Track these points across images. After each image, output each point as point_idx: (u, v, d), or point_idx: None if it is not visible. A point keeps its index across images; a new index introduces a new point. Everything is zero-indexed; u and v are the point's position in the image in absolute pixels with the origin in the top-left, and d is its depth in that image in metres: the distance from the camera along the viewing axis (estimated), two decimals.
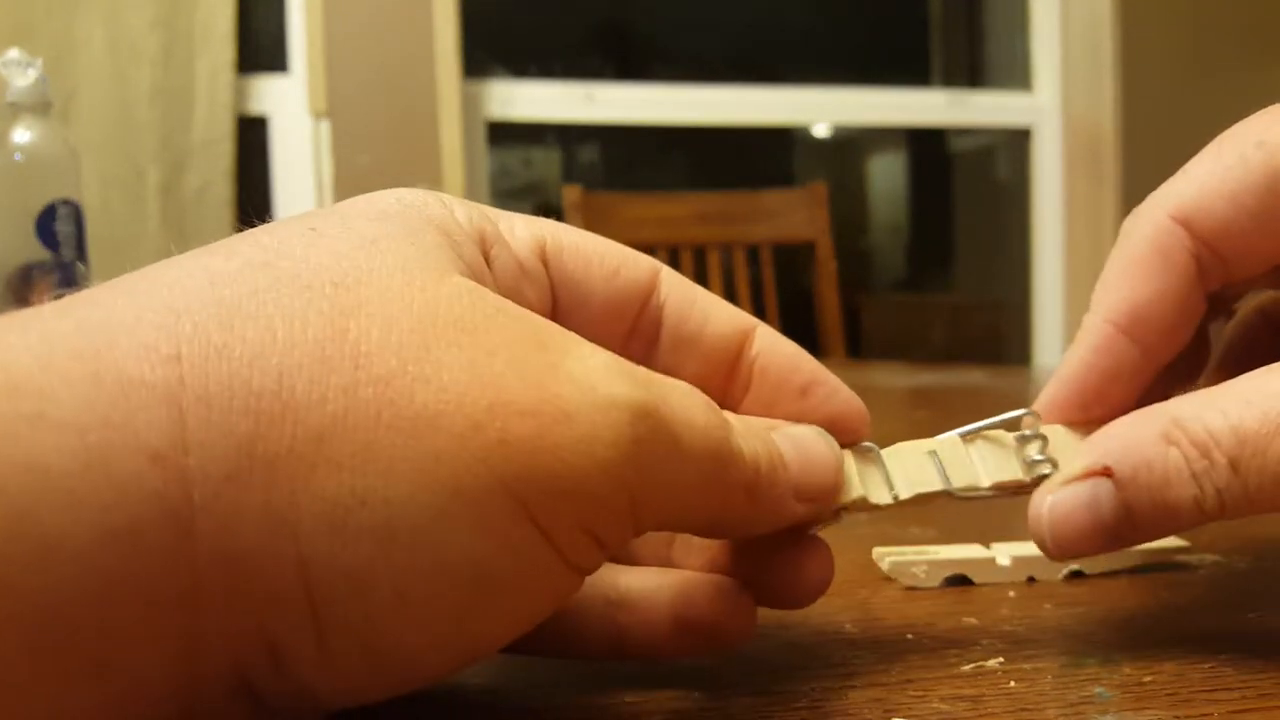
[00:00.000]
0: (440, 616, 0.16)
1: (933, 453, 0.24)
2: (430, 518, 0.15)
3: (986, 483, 0.24)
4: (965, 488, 0.24)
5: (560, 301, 0.22)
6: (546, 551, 0.16)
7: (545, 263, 0.22)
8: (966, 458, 0.24)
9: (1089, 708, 0.20)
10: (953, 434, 0.24)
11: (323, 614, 0.15)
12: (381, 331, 0.16)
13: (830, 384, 0.23)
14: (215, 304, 0.16)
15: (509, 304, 0.18)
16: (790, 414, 0.23)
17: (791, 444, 0.21)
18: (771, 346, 0.23)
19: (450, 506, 0.15)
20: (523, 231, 0.22)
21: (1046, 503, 0.23)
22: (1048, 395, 0.26)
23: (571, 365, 0.17)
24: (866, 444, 0.24)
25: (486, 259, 0.20)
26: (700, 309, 0.23)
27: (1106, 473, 0.22)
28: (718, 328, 0.23)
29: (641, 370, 0.18)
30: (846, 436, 0.23)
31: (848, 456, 0.23)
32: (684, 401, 0.18)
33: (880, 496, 0.23)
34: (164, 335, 0.15)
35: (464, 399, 0.16)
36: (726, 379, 0.23)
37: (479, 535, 0.16)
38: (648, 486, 0.17)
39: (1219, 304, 0.27)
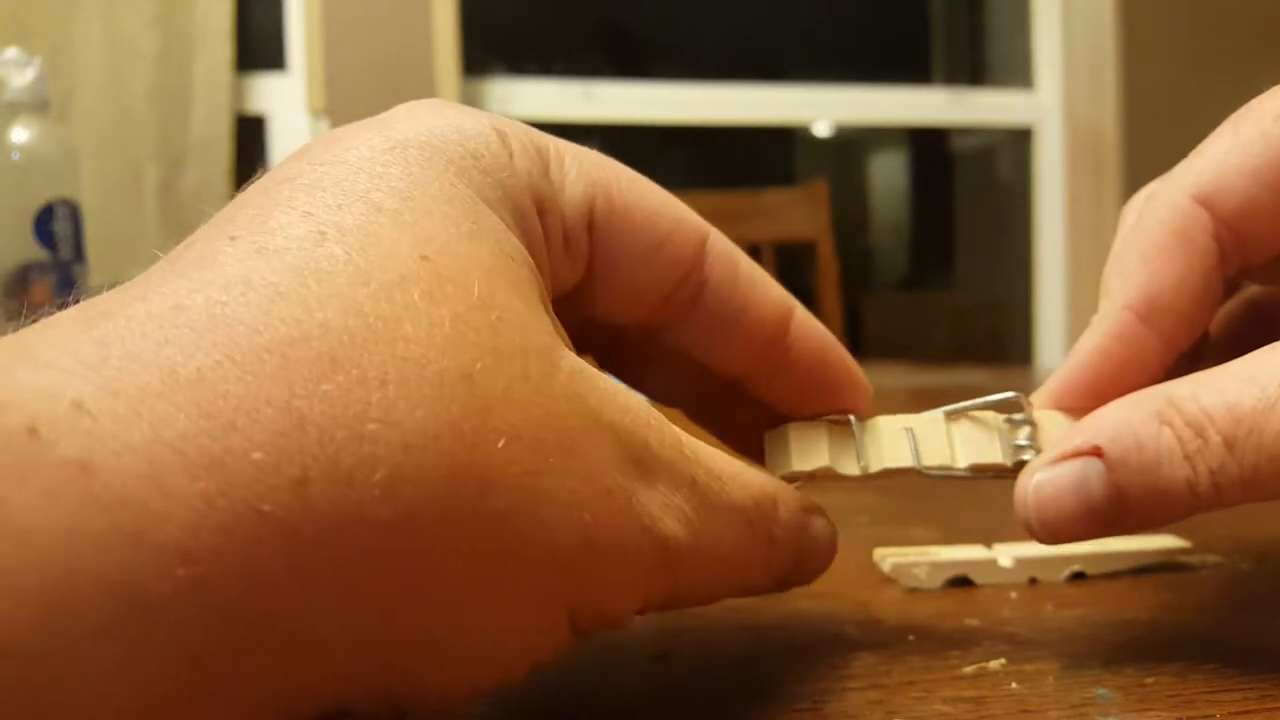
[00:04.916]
0: (479, 686, 0.17)
1: (908, 429, 0.24)
2: (507, 641, 0.16)
3: (963, 464, 0.23)
4: (936, 466, 0.23)
5: (594, 269, 0.21)
6: (571, 638, 0.18)
7: (591, 228, 0.20)
8: (944, 437, 0.24)
9: (1091, 709, 0.20)
10: (936, 412, 0.24)
11: (383, 700, 0.16)
12: (504, 452, 0.15)
13: (856, 382, 0.24)
14: (343, 402, 0.14)
15: (603, 400, 0.17)
16: (812, 404, 0.24)
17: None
18: (807, 334, 0.24)
19: (524, 633, 0.17)
20: (575, 189, 0.20)
21: (1033, 482, 0.22)
22: (1059, 381, 0.25)
23: (642, 498, 0.18)
24: (842, 414, 0.24)
25: (542, 224, 0.20)
26: (743, 290, 0.23)
27: (1097, 452, 0.21)
28: (759, 312, 0.23)
29: (701, 482, 0.19)
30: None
31: (821, 426, 0.24)
32: (726, 536, 0.20)
33: (848, 468, 0.23)
34: (287, 452, 0.13)
35: (561, 540, 0.16)
36: (758, 360, 0.23)
37: (531, 644, 0.17)
38: (671, 601, 0.19)
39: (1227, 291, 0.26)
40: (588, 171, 0.20)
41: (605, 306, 0.22)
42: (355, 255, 0.16)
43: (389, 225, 0.16)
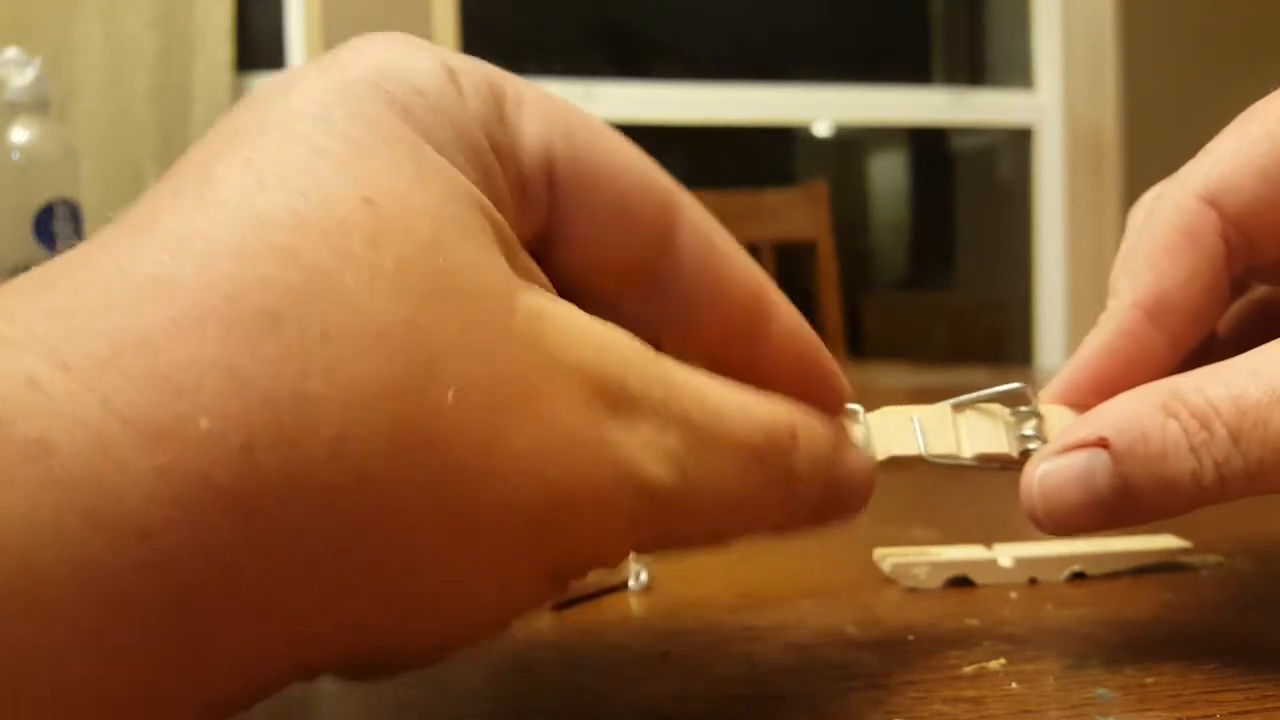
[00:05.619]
0: (458, 641, 0.17)
1: (915, 419, 0.24)
2: (481, 597, 0.16)
3: (969, 453, 0.23)
4: (942, 455, 0.23)
5: (554, 226, 0.19)
6: (556, 587, 0.17)
7: (551, 181, 0.19)
8: (951, 427, 0.24)
9: (1091, 709, 0.20)
10: (943, 404, 0.24)
11: (359, 660, 0.16)
12: (458, 405, 0.15)
13: (830, 379, 0.23)
14: (284, 360, 0.14)
15: (570, 340, 0.17)
16: (786, 388, 0.22)
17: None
18: (784, 324, 0.22)
19: (498, 588, 0.16)
20: (533, 136, 0.18)
21: (1038, 472, 0.22)
22: (1065, 377, 0.25)
23: (618, 441, 0.17)
24: (851, 405, 0.24)
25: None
26: (716, 268, 0.21)
27: (1103, 443, 0.21)
28: (732, 291, 0.21)
29: (695, 419, 0.18)
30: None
31: None
32: (728, 475, 0.19)
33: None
34: (233, 417, 0.13)
35: (529, 496, 0.16)
36: (727, 345, 0.22)
37: (509, 598, 0.17)
38: (672, 543, 0.19)
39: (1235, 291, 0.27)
40: (548, 118, 0.19)
41: (564, 270, 0.20)
42: (295, 201, 0.15)
43: (329, 169, 0.16)
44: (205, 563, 0.13)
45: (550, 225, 0.19)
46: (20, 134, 0.68)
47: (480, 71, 0.19)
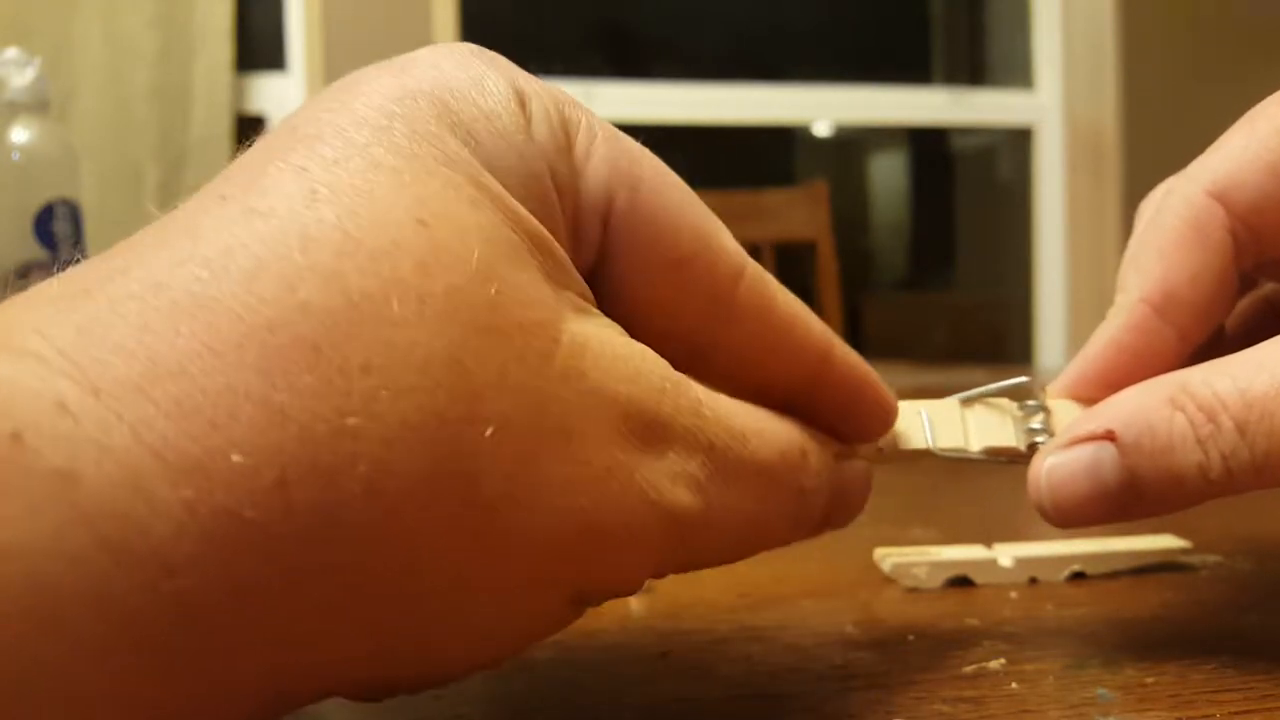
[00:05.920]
0: (474, 666, 0.17)
1: (922, 413, 0.24)
2: (504, 624, 0.16)
3: (976, 447, 0.24)
4: (949, 449, 0.23)
5: (603, 270, 0.19)
6: (577, 613, 0.18)
7: (607, 223, 0.18)
8: (958, 421, 0.24)
9: (1091, 709, 0.20)
10: (951, 398, 0.24)
11: (374, 684, 0.16)
12: (492, 441, 0.15)
13: (887, 412, 0.22)
14: (323, 393, 0.13)
15: (608, 371, 0.16)
16: (839, 430, 0.22)
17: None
18: (845, 371, 0.21)
19: (522, 616, 0.17)
20: (597, 175, 0.18)
21: (1046, 465, 0.22)
22: (1073, 372, 0.25)
23: (647, 472, 0.17)
24: None
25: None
26: (776, 335, 0.20)
27: (1110, 436, 0.21)
28: (789, 358, 0.20)
29: (720, 445, 0.18)
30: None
31: None
32: (747, 498, 0.19)
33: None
34: (267, 452, 0.13)
35: (559, 528, 0.16)
36: (788, 395, 0.21)
37: (530, 625, 0.17)
38: (691, 565, 0.19)
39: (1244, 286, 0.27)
40: (615, 160, 0.18)
41: (608, 310, 0.19)
42: (345, 219, 0.14)
43: (386, 185, 0.15)
44: (230, 599, 0.13)
45: (600, 268, 0.19)
46: (20, 134, 0.68)
47: (552, 99, 0.18)
